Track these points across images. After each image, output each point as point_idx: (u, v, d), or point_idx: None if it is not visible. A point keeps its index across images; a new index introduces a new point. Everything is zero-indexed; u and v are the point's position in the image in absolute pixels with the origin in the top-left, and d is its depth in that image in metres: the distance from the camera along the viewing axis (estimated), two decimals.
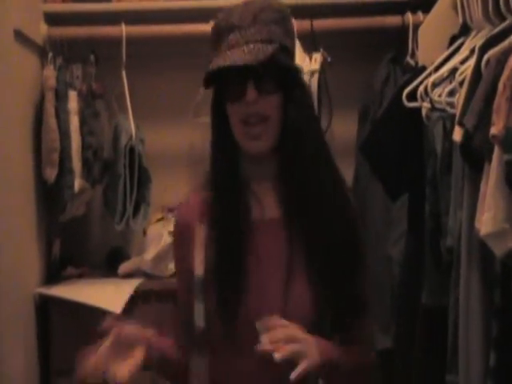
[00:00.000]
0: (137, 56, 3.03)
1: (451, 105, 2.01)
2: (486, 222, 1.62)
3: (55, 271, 3.03)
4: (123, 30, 2.95)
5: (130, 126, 2.98)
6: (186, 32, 3.00)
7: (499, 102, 1.60)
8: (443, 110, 2.07)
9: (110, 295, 2.78)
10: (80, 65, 3.02)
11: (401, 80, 2.59)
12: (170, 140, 3.27)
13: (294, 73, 1.53)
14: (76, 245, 3.23)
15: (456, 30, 2.21)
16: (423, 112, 2.20)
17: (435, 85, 2.15)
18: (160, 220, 3.10)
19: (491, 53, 1.76)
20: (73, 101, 2.91)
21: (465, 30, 2.15)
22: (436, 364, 2.03)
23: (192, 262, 1.54)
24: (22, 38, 2.70)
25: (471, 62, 1.88)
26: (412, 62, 2.89)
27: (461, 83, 1.93)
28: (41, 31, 2.94)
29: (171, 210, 3.03)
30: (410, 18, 2.94)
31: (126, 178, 2.95)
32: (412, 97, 2.28)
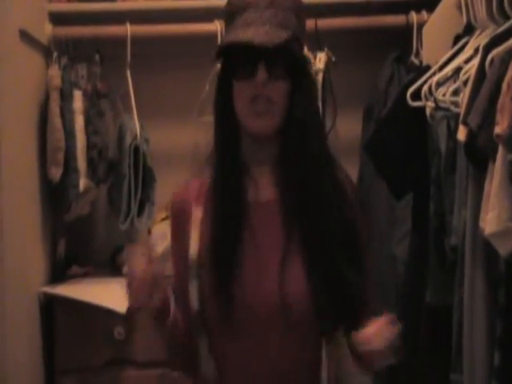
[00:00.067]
0: (142, 55, 3.03)
1: (455, 104, 2.02)
2: (491, 221, 1.62)
3: (60, 270, 3.04)
4: (128, 29, 2.95)
5: (135, 125, 2.97)
6: (190, 31, 3.00)
7: (503, 102, 1.61)
8: (447, 110, 2.07)
9: (114, 294, 2.75)
10: (85, 64, 3.02)
11: (405, 79, 2.60)
12: (175, 139, 3.27)
13: (304, 63, 1.54)
14: (81, 244, 3.23)
15: (460, 30, 2.21)
16: (427, 111, 2.20)
17: (439, 84, 2.15)
18: (165, 219, 3.09)
19: (495, 52, 1.77)
20: (78, 100, 2.91)
21: (469, 30, 2.15)
22: (440, 363, 2.03)
23: (187, 243, 1.55)
24: (27, 37, 2.70)
25: (475, 61, 1.89)
26: (416, 62, 2.89)
27: (465, 82, 1.94)
28: (46, 31, 2.94)
29: None
30: (414, 17, 2.93)
31: (130, 178, 2.95)
32: (416, 96, 2.28)
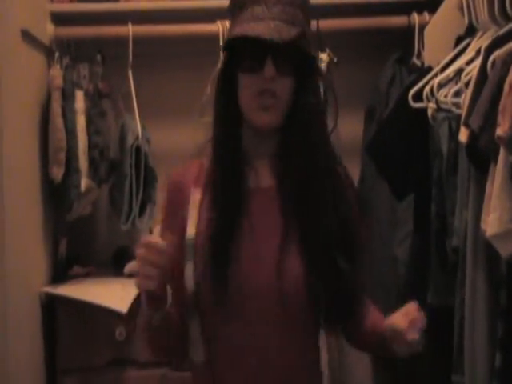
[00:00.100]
0: (143, 56, 3.03)
1: (457, 105, 2.02)
2: (492, 222, 1.63)
3: (61, 270, 3.03)
4: (130, 29, 2.95)
5: (137, 125, 2.98)
6: (192, 32, 3.01)
7: (505, 103, 1.61)
8: (449, 111, 2.08)
9: (116, 294, 2.77)
10: (87, 64, 3.02)
11: (407, 80, 2.60)
12: (176, 139, 3.26)
13: (312, 60, 1.54)
14: (82, 244, 3.23)
15: (462, 31, 2.21)
16: (429, 112, 2.20)
17: (441, 85, 2.15)
18: None
19: (497, 54, 1.77)
20: (79, 100, 2.91)
21: (471, 31, 2.15)
22: (442, 364, 2.03)
23: (184, 223, 1.54)
24: (29, 37, 2.70)
25: (477, 62, 1.89)
26: (418, 63, 2.89)
27: (467, 84, 1.94)
28: (47, 31, 2.94)
29: None
30: (415, 18, 2.93)
31: (132, 178, 2.95)
32: (418, 97, 2.28)
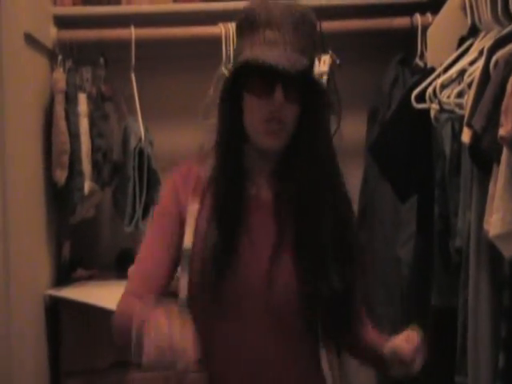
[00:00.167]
0: (146, 58, 3.03)
1: (460, 106, 2.02)
2: (495, 223, 1.62)
3: (65, 273, 3.04)
4: (132, 32, 2.96)
5: (139, 128, 2.98)
6: (194, 34, 3.01)
7: (507, 103, 1.61)
8: (452, 112, 2.07)
9: (119, 297, 2.77)
10: (89, 67, 3.02)
11: (409, 81, 2.60)
12: (179, 142, 3.26)
13: (320, 90, 1.55)
14: (86, 247, 3.23)
15: (465, 32, 2.21)
16: (432, 113, 2.20)
17: (444, 86, 2.15)
18: None
19: (500, 54, 1.77)
20: (82, 103, 2.92)
21: (473, 32, 2.15)
22: (445, 365, 2.03)
23: (181, 229, 1.55)
24: (32, 41, 2.71)
25: (480, 63, 1.88)
26: (421, 64, 2.89)
27: (469, 85, 1.94)
28: (50, 34, 2.95)
29: None
30: (418, 19, 2.93)
31: (135, 180, 2.95)
32: (421, 98, 2.28)
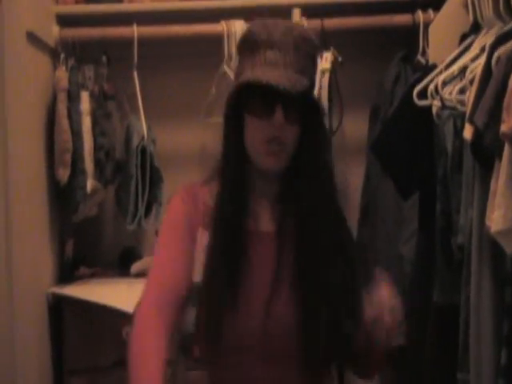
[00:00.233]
0: (148, 57, 3.03)
1: (462, 103, 2.01)
2: (497, 219, 1.62)
3: (68, 271, 3.05)
4: (135, 30, 2.96)
5: (142, 126, 2.98)
6: (197, 32, 3.01)
7: (509, 100, 1.60)
8: (454, 108, 2.07)
9: (122, 295, 2.78)
10: (92, 66, 3.03)
11: (411, 78, 2.59)
12: (182, 140, 3.27)
13: (318, 110, 1.54)
14: (89, 245, 3.24)
15: (466, 28, 2.21)
16: (434, 110, 2.20)
17: (446, 83, 2.15)
18: None
19: (501, 50, 1.76)
20: (85, 102, 2.92)
21: (475, 28, 2.14)
22: (447, 362, 2.03)
23: (191, 261, 1.53)
24: (35, 39, 2.71)
25: (481, 59, 1.88)
26: (422, 61, 2.88)
27: (471, 81, 1.93)
28: (53, 33, 2.96)
29: None
30: (420, 16, 2.93)
31: (137, 179, 2.96)
32: (423, 95, 2.28)
